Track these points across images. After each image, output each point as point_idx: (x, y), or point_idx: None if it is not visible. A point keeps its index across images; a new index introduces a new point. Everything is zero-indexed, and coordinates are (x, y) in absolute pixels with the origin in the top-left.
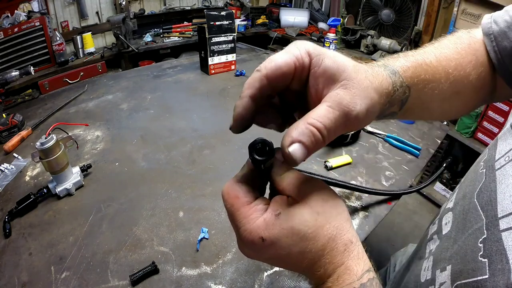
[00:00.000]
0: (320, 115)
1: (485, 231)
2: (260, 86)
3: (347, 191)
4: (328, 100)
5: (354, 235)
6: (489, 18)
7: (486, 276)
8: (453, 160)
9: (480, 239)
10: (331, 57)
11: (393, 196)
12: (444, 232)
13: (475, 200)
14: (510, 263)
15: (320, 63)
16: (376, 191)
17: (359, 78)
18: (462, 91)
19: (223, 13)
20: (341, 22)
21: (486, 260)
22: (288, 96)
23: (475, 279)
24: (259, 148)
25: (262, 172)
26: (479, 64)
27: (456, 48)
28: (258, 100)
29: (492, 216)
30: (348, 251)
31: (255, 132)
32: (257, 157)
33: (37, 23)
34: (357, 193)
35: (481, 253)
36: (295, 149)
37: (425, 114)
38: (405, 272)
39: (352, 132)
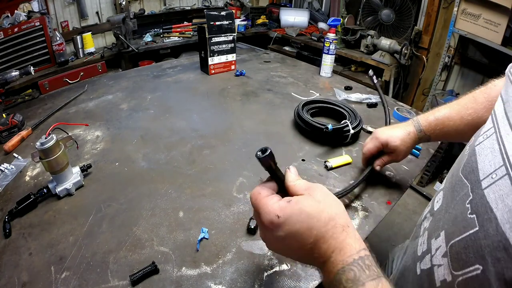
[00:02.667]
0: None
1: (470, 194)
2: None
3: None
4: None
5: (350, 222)
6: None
7: (477, 228)
8: (453, 160)
9: (467, 201)
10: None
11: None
12: (436, 208)
13: (460, 174)
14: (494, 212)
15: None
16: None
17: (400, 146)
18: (476, 126)
19: (223, 13)
20: (341, 22)
21: (474, 215)
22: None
23: (467, 233)
24: (261, 151)
25: (275, 175)
26: (489, 100)
27: (475, 98)
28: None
29: (475, 181)
30: (346, 232)
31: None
32: (259, 154)
33: (37, 23)
34: (357, 193)
35: (469, 211)
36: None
37: (447, 139)
38: (403, 256)
39: (352, 132)
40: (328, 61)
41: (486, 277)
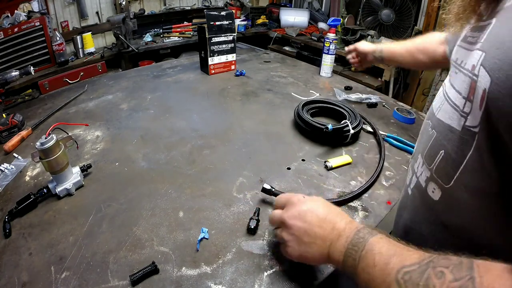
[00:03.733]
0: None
1: (430, 122)
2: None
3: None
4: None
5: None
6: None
7: (435, 134)
8: None
9: (428, 127)
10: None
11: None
12: (414, 152)
13: (426, 120)
14: (442, 120)
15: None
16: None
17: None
18: (423, 50)
19: (223, 13)
20: (341, 22)
21: (433, 130)
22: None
23: (431, 140)
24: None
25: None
26: (440, 43)
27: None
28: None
29: (432, 115)
30: (352, 220)
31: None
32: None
33: (37, 23)
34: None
35: (430, 129)
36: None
37: (400, 60)
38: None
39: (352, 132)
40: (328, 61)
41: (448, 153)
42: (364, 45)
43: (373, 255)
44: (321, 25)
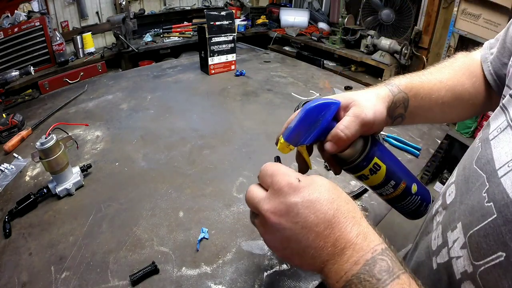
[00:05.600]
0: (344, 122)
1: (487, 183)
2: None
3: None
4: (348, 114)
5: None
6: (486, 48)
7: (495, 215)
8: (454, 160)
9: (483, 191)
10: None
11: None
12: (448, 202)
13: (475, 166)
14: (511, 197)
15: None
16: None
17: (363, 100)
18: (459, 97)
19: (223, 13)
20: (340, 21)
21: (491, 203)
22: None
23: (486, 221)
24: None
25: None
26: (473, 75)
27: (451, 65)
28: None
29: (491, 171)
30: (366, 220)
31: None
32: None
33: (37, 23)
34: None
35: (486, 200)
36: (327, 145)
37: (429, 116)
38: (414, 252)
39: None
40: None
41: (510, 262)
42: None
43: None
44: (321, 25)
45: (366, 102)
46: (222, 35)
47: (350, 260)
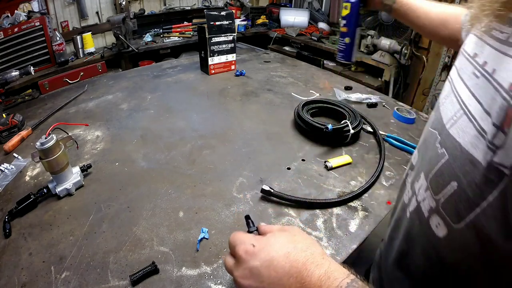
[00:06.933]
0: None
1: (438, 137)
2: None
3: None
4: None
5: (326, 253)
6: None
7: (447, 157)
8: None
9: (437, 142)
10: None
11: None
12: (414, 163)
13: (429, 128)
14: (458, 141)
15: None
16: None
17: None
18: (446, 22)
19: (223, 13)
20: (340, 21)
21: (443, 149)
22: None
23: (440, 163)
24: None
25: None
26: (458, 18)
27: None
28: None
29: (441, 127)
30: (327, 259)
31: None
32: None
33: (37, 23)
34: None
35: (439, 148)
36: None
37: (414, 20)
38: (392, 216)
39: (352, 132)
40: None
41: (462, 189)
42: None
43: None
44: (321, 25)
45: None
46: (222, 35)
47: None
